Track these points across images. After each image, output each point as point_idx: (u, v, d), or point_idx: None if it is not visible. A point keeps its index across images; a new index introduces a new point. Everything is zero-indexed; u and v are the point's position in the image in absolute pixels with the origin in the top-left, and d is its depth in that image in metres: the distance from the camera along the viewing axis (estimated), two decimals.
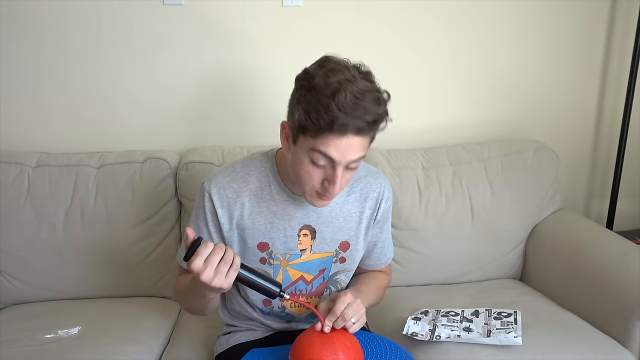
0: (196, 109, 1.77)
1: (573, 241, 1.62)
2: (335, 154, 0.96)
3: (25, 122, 1.72)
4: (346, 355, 0.96)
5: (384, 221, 1.24)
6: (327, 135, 0.94)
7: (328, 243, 1.16)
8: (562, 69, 1.94)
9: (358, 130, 0.94)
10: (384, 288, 1.30)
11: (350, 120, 0.92)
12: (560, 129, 2.00)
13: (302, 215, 1.13)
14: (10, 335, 1.37)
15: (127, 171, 1.59)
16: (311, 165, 0.99)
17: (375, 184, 1.19)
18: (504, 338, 1.26)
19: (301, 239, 1.14)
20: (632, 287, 1.37)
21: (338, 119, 0.92)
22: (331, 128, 0.93)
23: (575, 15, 1.89)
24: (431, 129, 1.90)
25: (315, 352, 0.95)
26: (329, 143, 0.95)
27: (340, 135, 0.94)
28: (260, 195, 1.12)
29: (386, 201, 1.20)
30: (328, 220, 1.15)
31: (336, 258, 1.18)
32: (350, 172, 1.02)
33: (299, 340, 1.00)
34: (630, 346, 1.35)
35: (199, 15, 1.68)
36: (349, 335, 1.01)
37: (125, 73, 1.71)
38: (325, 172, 0.99)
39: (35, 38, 1.65)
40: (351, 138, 0.95)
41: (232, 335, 1.25)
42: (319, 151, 0.96)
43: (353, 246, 1.18)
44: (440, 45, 1.84)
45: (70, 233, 1.55)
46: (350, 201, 1.16)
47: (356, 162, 0.99)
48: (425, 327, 1.32)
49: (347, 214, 1.16)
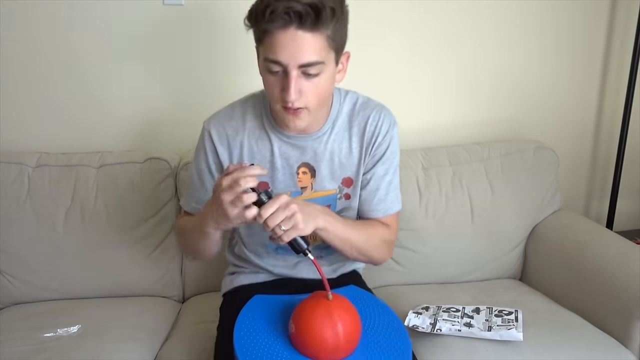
0: (196, 109, 1.76)
1: (573, 241, 1.62)
2: (282, 54, 0.92)
3: (25, 122, 1.72)
4: (346, 329, 0.97)
5: (386, 161, 1.14)
6: (269, 31, 0.92)
7: (329, 180, 1.14)
8: (562, 69, 1.94)
9: (299, 22, 0.90)
10: (380, 237, 1.16)
11: (282, 3, 0.89)
12: (561, 129, 2.00)
13: (299, 153, 1.12)
14: (10, 334, 1.37)
15: (127, 171, 1.59)
16: (268, 74, 0.97)
17: (375, 117, 1.13)
18: (505, 333, 1.26)
19: (300, 176, 1.13)
20: (632, 287, 1.37)
21: (271, 5, 0.89)
22: (264, 15, 0.90)
23: (575, 15, 1.89)
24: (431, 129, 1.90)
25: (317, 325, 0.97)
26: (274, 42, 0.92)
27: (280, 27, 0.91)
28: (258, 134, 1.12)
29: (385, 137, 1.13)
30: (327, 158, 1.12)
31: (340, 194, 1.15)
32: (312, 81, 0.97)
33: (302, 308, 1.01)
34: (630, 346, 1.35)
35: (199, 15, 1.68)
36: (350, 308, 1.01)
37: (125, 73, 1.71)
38: (282, 81, 0.97)
39: (35, 38, 1.65)
40: (295, 32, 0.91)
41: (237, 276, 1.25)
42: (267, 57, 0.94)
43: (356, 182, 1.15)
44: (441, 45, 1.84)
45: (70, 233, 1.55)
46: (348, 137, 1.13)
47: (312, 66, 0.95)
48: (426, 321, 1.32)
49: (347, 150, 1.13)
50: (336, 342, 0.97)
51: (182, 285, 1.65)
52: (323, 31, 0.94)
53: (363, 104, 1.15)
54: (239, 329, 1.03)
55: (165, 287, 1.62)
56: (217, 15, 1.69)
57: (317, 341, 0.97)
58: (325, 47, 0.95)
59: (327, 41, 0.95)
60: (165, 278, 1.61)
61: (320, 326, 0.97)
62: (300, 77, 0.96)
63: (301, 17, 0.90)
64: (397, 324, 1.08)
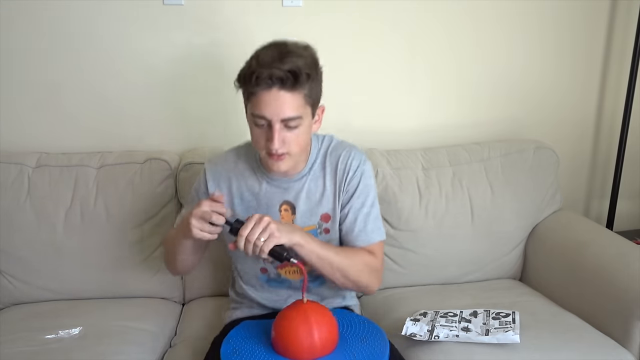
0: (196, 109, 1.77)
1: (573, 241, 1.62)
2: (266, 110, 1.08)
3: (25, 122, 1.72)
4: (320, 329, 1.06)
5: (360, 195, 1.25)
6: (255, 92, 1.08)
7: (309, 217, 1.25)
8: (562, 68, 1.94)
9: (281, 84, 1.06)
10: (363, 262, 1.23)
11: (266, 70, 1.05)
12: (560, 129, 2.00)
13: (281, 192, 1.25)
14: (10, 335, 1.37)
15: (127, 172, 1.59)
16: (255, 128, 1.13)
17: (345, 156, 1.25)
18: (502, 336, 1.26)
19: (282, 213, 1.25)
20: (632, 287, 1.37)
21: (256, 71, 1.06)
22: (251, 80, 1.06)
23: (575, 15, 1.89)
24: (431, 129, 1.90)
25: (293, 325, 1.07)
26: (259, 101, 1.08)
27: (264, 88, 1.06)
28: (247, 175, 1.27)
29: (355, 172, 1.24)
30: (304, 196, 1.25)
31: (320, 229, 1.26)
32: (293, 132, 1.12)
33: (280, 314, 1.10)
34: (630, 346, 1.35)
35: (199, 15, 1.68)
36: (325, 311, 1.10)
37: (125, 73, 1.71)
38: (266, 133, 1.12)
39: (36, 38, 1.65)
40: (277, 92, 1.07)
41: (234, 311, 1.37)
42: (254, 113, 1.10)
43: (333, 217, 1.26)
44: (441, 44, 1.84)
45: (70, 233, 1.55)
46: (323, 176, 1.26)
47: (292, 120, 1.10)
48: (423, 328, 1.32)
49: (322, 188, 1.25)
50: (311, 340, 1.05)
51: (183, 287, 1.65)
52: (300, 91, 1.09)
53: (335, 145, 1.28)
54: (226, 344, 1.14)
55: (166, 289, 1.62)
56: (217, 15, 1.69)
57: (292, 340, 1.06)
58: (302, 104, 1.11)
59: (304, 99, 1.11)
60: (166, 279, 1.61)
61: (296, 326, 1.06)
62: (283, 129, 1.11)
63: (282, 81, 1.06)
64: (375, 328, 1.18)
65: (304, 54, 1.10)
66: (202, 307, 1.59)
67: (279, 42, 1.11)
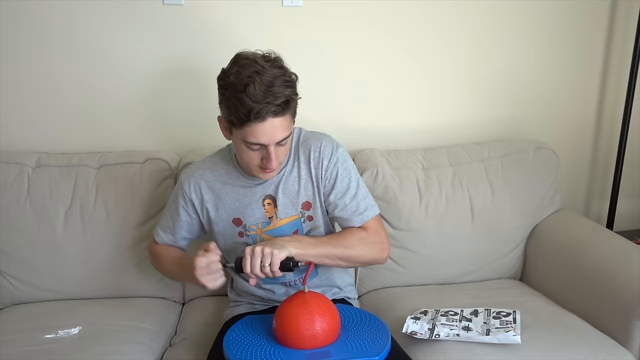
0: (196, 109, 1.76)
1: (573, 241, 1.62)
2: (262, 139, 1.12)
3: (25, 122, 1.72)
4: (321, 318, 1.08)
5: (343, 179, 1.28)
6: (249, 124, 1.10)
7: (290, 207, 1.28)
8: (562, 69, 1.94)
9: (274, 114, 1.10)
10: (358, 239, 1.27)
11: (263, 107, 1.08)
12: (561, 129, 1.99)
13: (262, 188, 1.28)
14: (10, 335, 1.37)
15: (127, 172, 1.59)
16: (248, 150, 1.16)
17: (316, 145, 1.28)
18: (503, 337, 1.26)
19: (266, 207, 1.28)
20: (632, 287, 1.37)
21: (253, 109, 1.08)
22: (249, 118, 1.09)
23: (575, 15, 1.88)
24: (431, 129, 1.90)
25: (293, 314, 1.09)
26: (254, 131, 1.11)
27: (259, 121, 1.09)
28: (226, 179, 1.30)
29: (330, 159, 1.27)
30: (284, 188, 1.28)
31: (304, 218, 1.30)
32: (284, 147, 1.18)
33: (282, 304, 1.13)
34: (630, 346, 1.35)
35: (199, 15, 1.68)
36: (326, 301, 1.13)
37: (125, 73, 1.71)
38: (261, 153, 1.16)
39: (36, 38, 1.65)
40: (271, 121, 1.10)
41: (235, 308, 1.39)
42: (248, 141, 1.13)
43: (314, 204, 1.29)
44: (440, 44, 1.83)
45: (70, 233, 1.55)
46: (297, 166, 1.29)
47: (285, 139, 1.15)
48: (424, 326, 1.32)
49: (297, 177, 1.28)
50: (312, 330, 1.06)
51: (183, 287, 1.65)
52: (288, 112, 1.14)
53: (306, 135, 1.31)
54: (229, 336, 1.16)
55: (166, 289, 1.62)
56: (217, 15, 1.69)
57: (293, 330, 1.07)
58: (290, 122, 1.17)
59: (291, 117, 1.17)
60: (165, 279, 1.61)
61: (297, 316, 1.08)
62: (276, 148, 1.16)
63: (275, 112, 1.10)
64: (376, 320, 1.22)
65: (285, 76, 1.12)
66: (202, 306, 1.59)
67: (258, 69, 1.09)
